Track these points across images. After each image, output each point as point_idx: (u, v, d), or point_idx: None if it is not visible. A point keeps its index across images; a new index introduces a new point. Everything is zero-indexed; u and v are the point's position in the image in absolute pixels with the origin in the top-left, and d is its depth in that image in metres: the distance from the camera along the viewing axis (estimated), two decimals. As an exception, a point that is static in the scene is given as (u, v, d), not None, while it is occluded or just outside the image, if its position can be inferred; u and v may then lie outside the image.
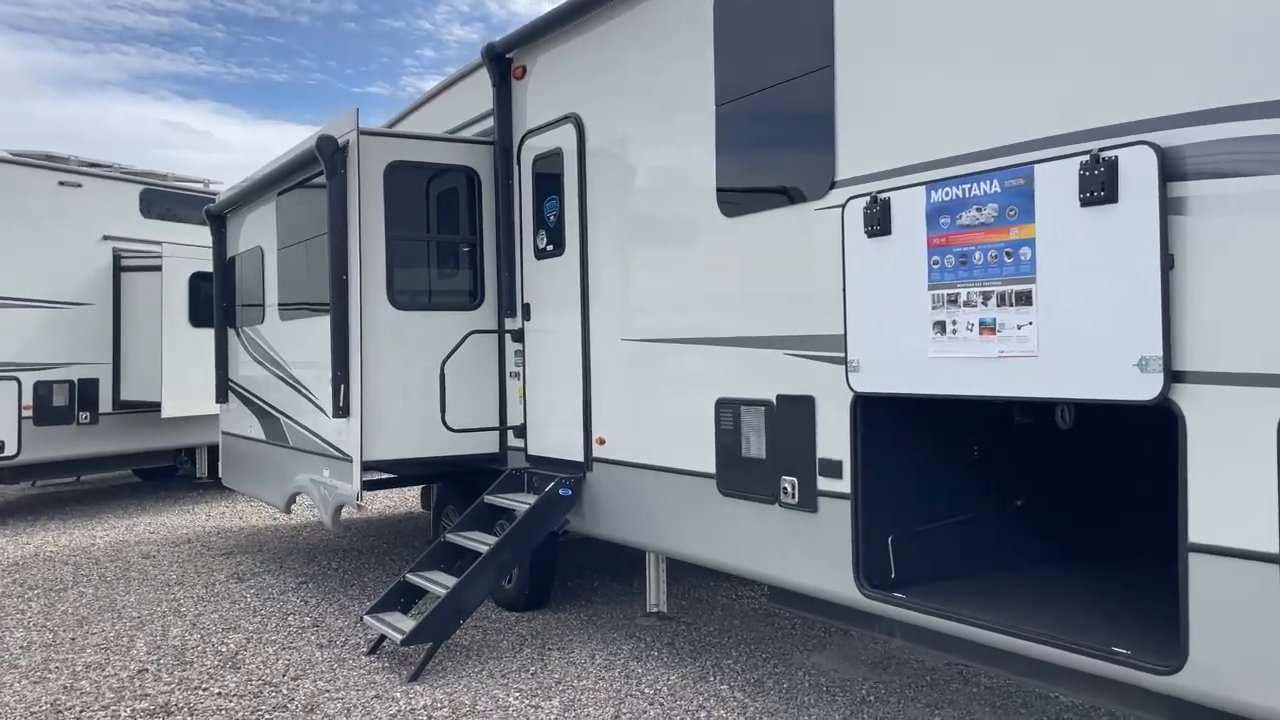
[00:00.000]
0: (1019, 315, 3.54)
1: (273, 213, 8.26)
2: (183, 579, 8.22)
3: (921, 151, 3.97)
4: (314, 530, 10.42)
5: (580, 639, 6.23)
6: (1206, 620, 3.08)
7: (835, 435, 4.42)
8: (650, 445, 5.65)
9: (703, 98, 5.14)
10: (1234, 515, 3.00)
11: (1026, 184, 3.49)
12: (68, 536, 10.37)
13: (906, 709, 4.97)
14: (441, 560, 6.43)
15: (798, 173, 4.61)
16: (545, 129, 6.53)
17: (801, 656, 5.83)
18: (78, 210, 11.80)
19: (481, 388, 6.99)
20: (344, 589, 7.72)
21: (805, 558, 4.59)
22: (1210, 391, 3.06)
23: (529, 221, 6.71)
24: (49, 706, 5.28)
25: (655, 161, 5.65)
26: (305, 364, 7.63)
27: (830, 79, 4.38)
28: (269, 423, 8.44)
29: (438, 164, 7.00)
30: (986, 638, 3.85)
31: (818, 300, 4.48)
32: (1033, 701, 5.01)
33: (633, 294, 5.80)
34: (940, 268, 3.81)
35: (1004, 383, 3.62)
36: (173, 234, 12.31)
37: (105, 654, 6.18)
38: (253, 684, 5.54)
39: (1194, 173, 3.08)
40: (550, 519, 6.17)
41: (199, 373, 10.80)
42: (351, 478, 6.64)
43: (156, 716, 5.10)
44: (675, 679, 5.47)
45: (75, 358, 11.68)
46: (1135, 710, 3.58)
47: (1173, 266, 3.11)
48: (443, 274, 7.31)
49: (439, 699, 5.23)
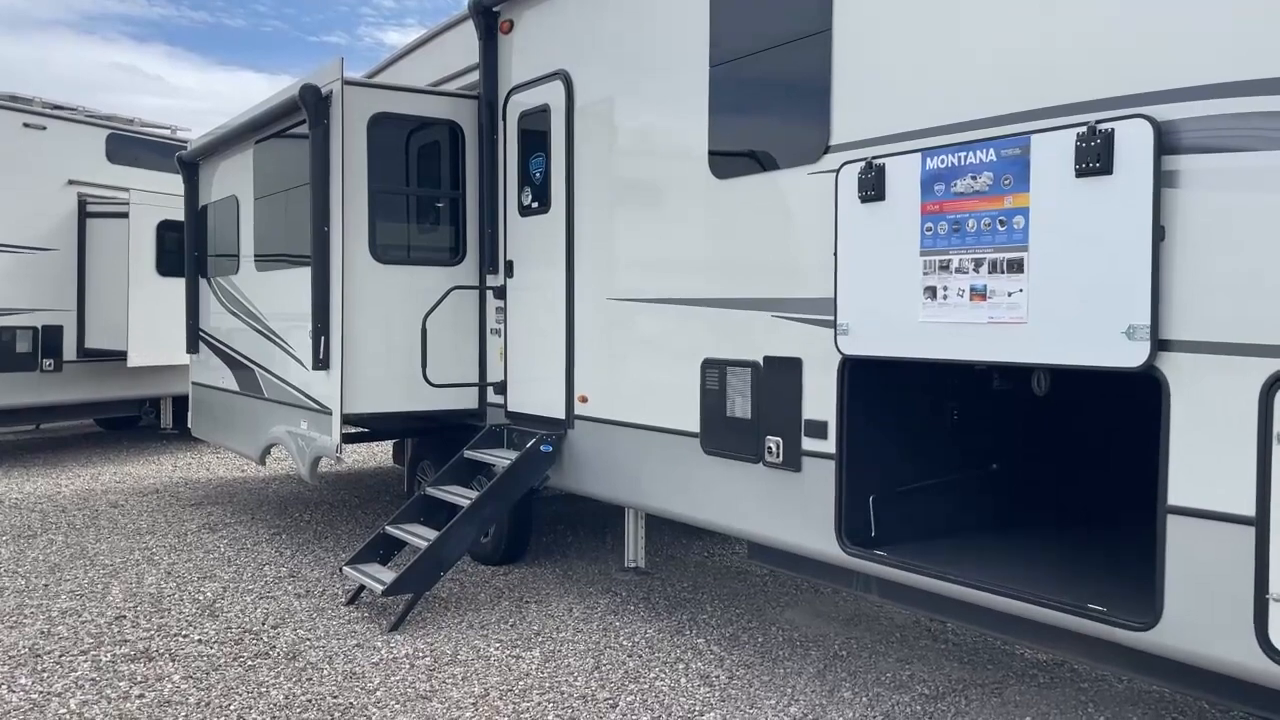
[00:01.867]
0: (1010, 282, 3.63)
1: (249, 161, 8.16)
2: (153, 528, 8.19)
3: (918, 119, 4.03)
4: (284, 483, 10.40)
5: (557, 593, 6.32)
6: (1181, 579, 3.22)
7: (821, 397, 4.50)
8: (634, 404, 5.71)
9: (697, 58, 5.15)
10: (1213, 479, 3.13)
11: (1023, 154, 3.57)
12: (31, 484, 10.25)
13: (878, 663, 5.12)
14: (420, 514, 6.47)
15: (792, 136, 4.65)
16: (532, 85, 6.49)
17: (775, 612, 5.97)
18: (42, 153, 11.55)
19: (462, 343, 7.00)
20: (318, 541, 7.74)
21: (788, 516, 4.69)
22: (1194, 360, 3.17)
23: (513, 178, 6.69)
24: (27, 650, 5.27)
25: (646, 121, 5.65)
26: (283, 316, 7.58)
27: (828, 43, 4.41)
28: (243, 374, 8.39)
29: (422, 117, 6.94)
30: (964, 594, 3.98)
31: (808, 264, 4.55)
32: (999, 657, 5.19)
33: (619, 253, 5.82)
34: (933, 234, 3.89)
35: (992, 348, 3.72)
36: (139, 180, 12.08)
37: (81, 600, 6.16)
38: (232, 631, 5.57)
39: (1188, 147, 3.17)
40: (531, 475, 6.23)
41: (166, 322, 10.68)
42: (331, 430, 6.64)
43: (138, 661, 5.12)
44: (652, 632, 5.58)
45: (39, 304, 11.48)
46: (1107, 665, 3.74)
47: (1163, 238, 3.21)
48: (425, 228, 7.28)
49: (420, 648, 5.29)
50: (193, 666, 5.04)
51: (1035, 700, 4.65)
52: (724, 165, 5.04)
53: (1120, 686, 4.80)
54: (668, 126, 5.45)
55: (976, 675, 4.95)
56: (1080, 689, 4.78)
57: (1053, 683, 4.86)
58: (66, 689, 4.76)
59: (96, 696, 4.67)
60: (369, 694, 4.69)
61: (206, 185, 9.28)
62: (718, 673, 4.98)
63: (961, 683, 4.85)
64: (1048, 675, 4.95)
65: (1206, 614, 3.16)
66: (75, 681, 4.86)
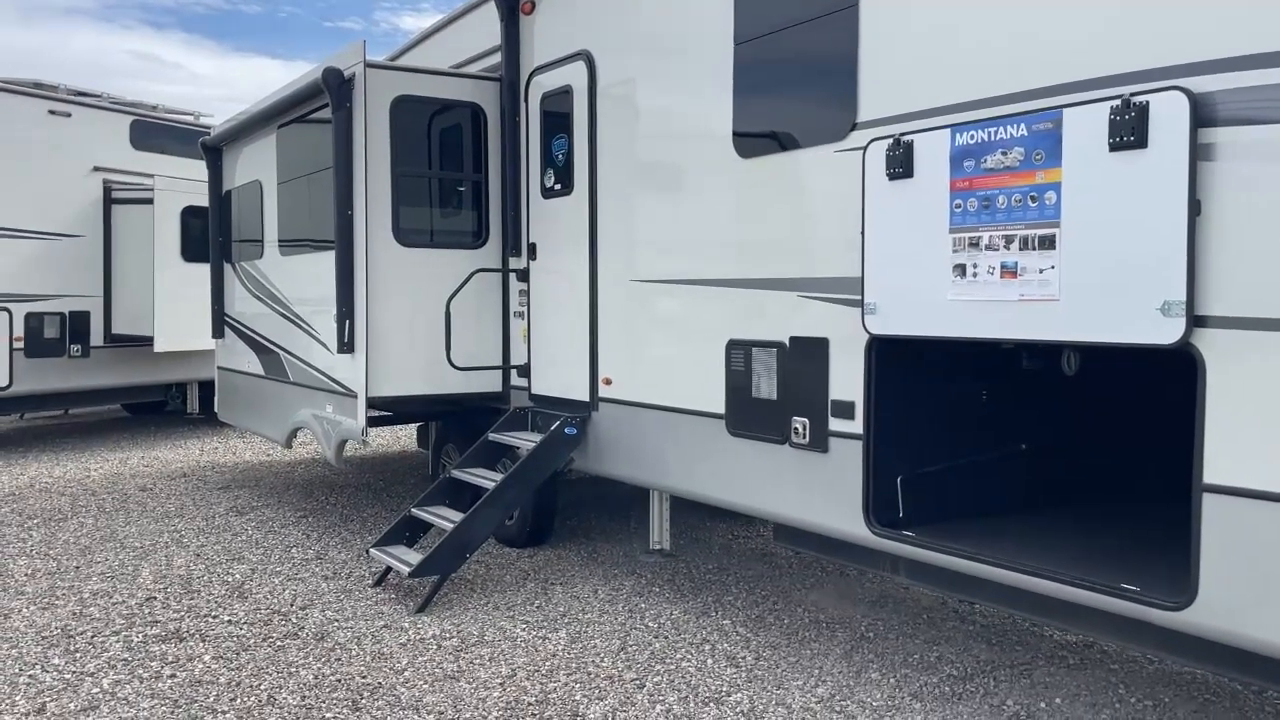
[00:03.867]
0: (1041, 259, 3.58)
1: (272, 146, 8.17)
2: (182, 511, 8.27)
3: (946, 94, 3.98)
4: (309, 466, 10.46)
5: (582, 575, 6.33)
6: (1217, 558, 3.17)
7: (848, 377, 4.47)
8: (658, 386, 5.70)
9: (721, 36, 5.10)
10: (1249, 457, 3.08)
11: (1054, 128, 3.51)
12: (61, 469, 10.37)
13: (905, 644, 5.10)
14: (446, 496, 6.49)
15: (818, 114, 4.60)
16: (554, 66, 6.46)
17: (800, 594, 5.95)
18: (68, 140, 11.63)
19: (485, 326, 7.00)
20: (344, 523, 7.79)
21: (815, 497, 4.67)
22: (1231, 336, 3.12)
23: (536, 160, 6.67)
24: (59, 631, 5.34)
25: (670, 101, 5.62)
26: (307, 300, 7.61)
27: (854, 19, 4.36)
28: (268, 358, 8.43)
29: (444, 99, 6.93)
30: (993, 574, 3.95)
31: (834, 243, 4.51)
32: (1028, 638, 5.15)
33: (643, 235, 5.80)
34: (963, 211, 3.84)
35: (1023, 326, 3.67)
36: (163, 166, 12.16)
37: (111, 582, 6.23)
38: (261, 612, 5.61)
39: (1224, 119, 3.11)
40: (555, 457, 6.23)
41: (192, 307, 10.76)
42: (356, 413, 6.67)
43: (169, 642, 5.17)
44: (678, 613, 5.58)
45: (66, 290, 11.58)
46: (1139, 646, 3.71)
47: (1199, 212, 3.15)
48: (447, 211, 7.28)
49: (447, 629, 5.31)
50: (223, 647, 5.09)
51: (1065, 681, 4.62)
52: (749, 144, 5.00)
53: (1151, 668, 4.76)
54: (692, 106, 5.41)
55: (1005, 656, 4.92)
56: (1110, 670, 4.74)
57: (1082, 664, 4.82)
58: (99, 669, 4.82)
59: (129, 676, 4.72)
60: (397, 674, 4.72)
61: (230, 170, 9.31)
62: (744, 654, 4.97)
63: (990, 664, 4.82)
64: (1077, 656, 4.91)
65: (1243, 593, 3.11)
66: (108, 661, 4.91)
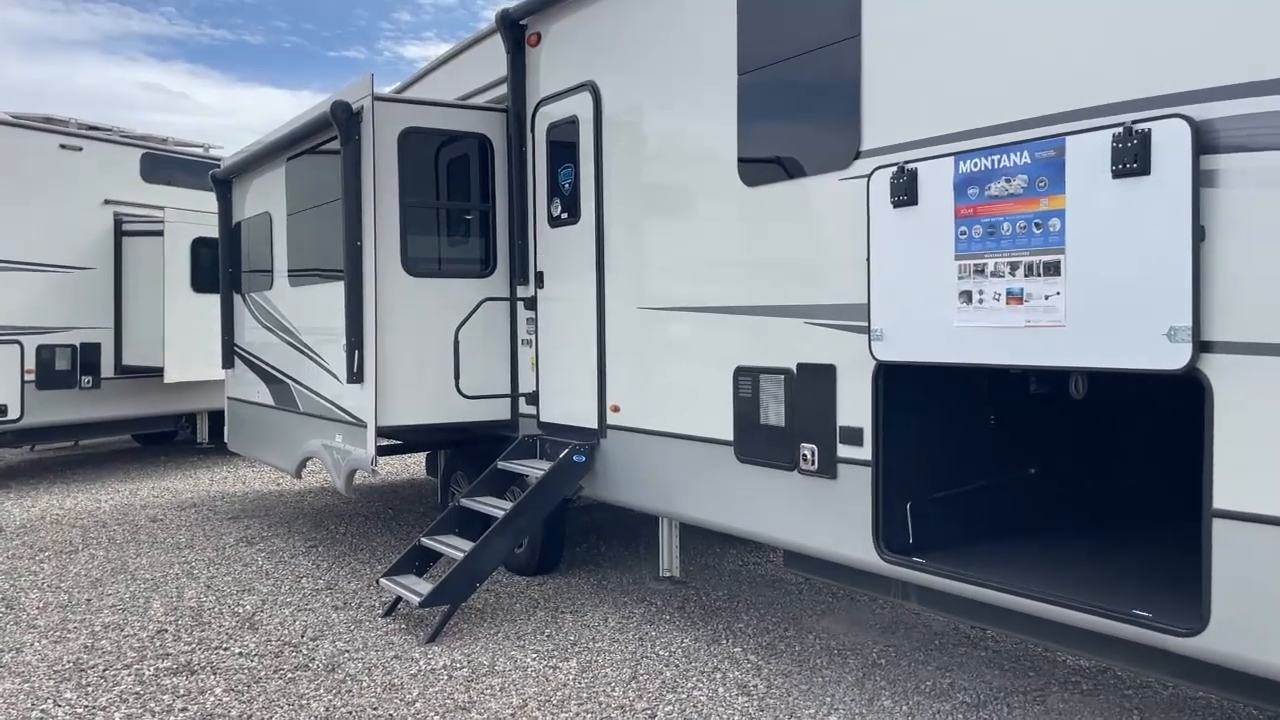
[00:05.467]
0: (1047, 285, 3.60)
1: (282, 178, 8.24)
2: (192, 542, 8.28)
3: (949, 122, 4.01)
4: (319, 495, 10.48)
5: (592, 603, 6.32)
6: (1228, 584, 3.16)
7: (856, 403, 4.48)
8: (666, 413, 5.71)
9: (725, 66, 5.15)
10: (1259, 482, 3.08)
11: (1058, 155, 3.54)
12: (72, 500, 10.40)
13: (917, 671, 5.07)
14: (455, 525, 6.49)
15: (822, 142, 4.64)
16: (560, 96, 6.52)
17: (811, 620, 5.93)
18: (79, 174, 11.75)
19: (494, 354, 7.03)
20: (354, 553, 7.79)
21: (824, 523, 4.67)
22: (1237, 361, 3.12)
23: (543, 189, 6.72)
24: (71, 665, 5.34)
25: (674, 130, 5.66)
26: (317, 330, 7.65)
27: (857, 49, 4.40)
28: (278, 388, 8.47)
29: (451, 130, 6.99)
30: (1006, 601, 3.94)
31: (840, 270, 4.53)
32: (1041, 664, 5.13)
33: (650, 262, 5.83)
34: (968, 238, 3.86)
35: (1030, 352, 3.69)
36: (173, 199, 12.27)
37: (123, 615, 6.24)
38: (272, 644, 5.61)
39: (1226, 146, 3.13)
40: (564, 485, 6.24)
41: (202, 338, 10.81)
42: (366, 443, 6.69)
43: (180, 675, 5.17)
44: (689, 641, 5.57)
45: (77, 322, 11.66)
46: (1152, 672, 3.69)
47: (1204, 238, 3.17)
48: (455, 241, 7.33)
49: (458, 659, 5.31)
50: (234, 679, 5.09)
51: (1078, 707, 4.59)
52: (754, 172, 5.04)
53: (1166, 693, 4.73)
54: (696, 135, 5.46)
55: (1018, 682, 4.89)
56: (1124, 696, 4.71)
57: (1096, 689, 4.79)
58: (111, 703, 4.82)
59: (140, 710, 4.73)
60: (408, 705, 4.71)
61: (240, 202, 9.39)
62: (755, 681, 4.96)
63: (1003, 690, 4.80)
64: (1091, 682, 4.89)
65: (1256, 619, 3.10)
66: (119, 695, 4.91)
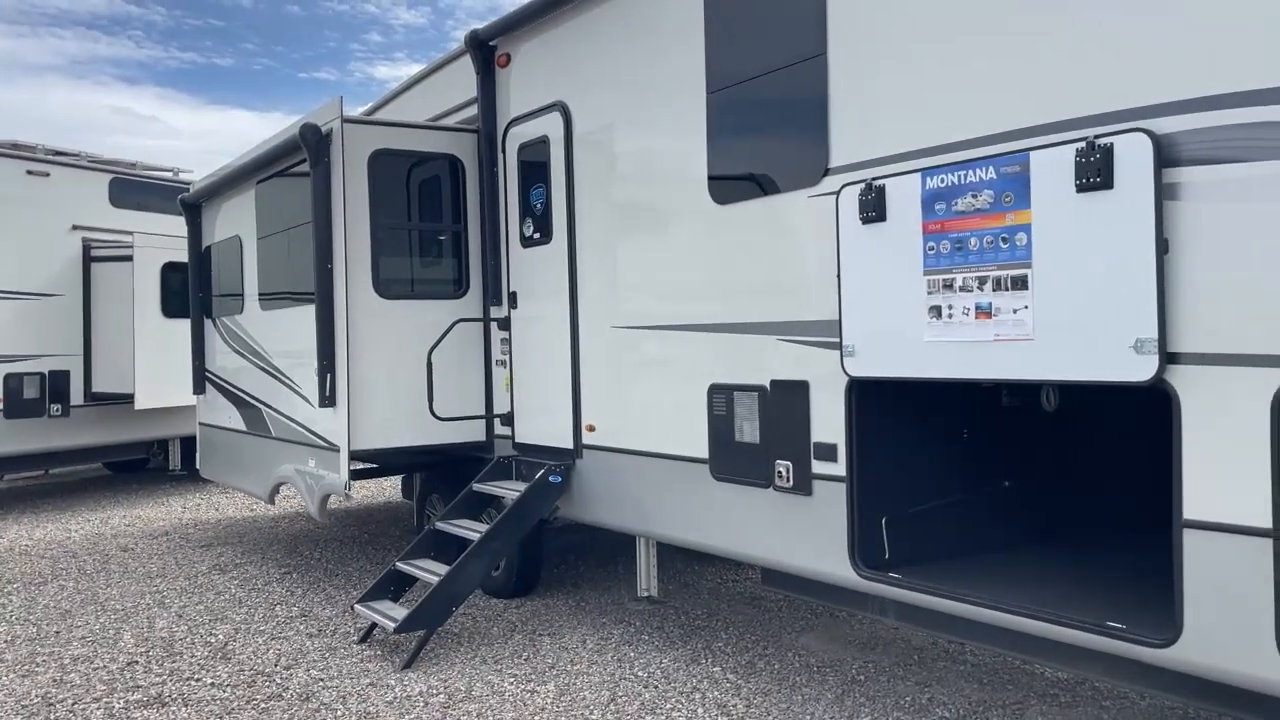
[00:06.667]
0: (1015, 299, 3.62)
1: (251, 202, 8.20)
2: (164, 571, 8.17)
3: (916, 139, 4.03)
4: (293, 521, 10.37)
5: (570, 624, 6.27)
6: (1199, 594, 3.18)
7: (830, 419, 4.48)
8: (642, 432, 5.69)
9: (693, 85, 5.17)
10: (1227, 492, 3.10)
11: (1022, 171, 3.57)
12: (41, 530, 10.24)
13: (896, 687, 5.06)
14: (431, 548, 6.44)
15: (791, 160, 4.66)
16: (531, 117, 6.52)
17: (790, 638, 5.91)
18: (46, 199, 11.63)
19: (467, 376, 7.00)
20: (328, 579, 7.71)
21: (800, 540, 4.66)
22: (1203, 372, 3.15)
23: (515, 209, 6.71)
24: (40, 700, 5.24)
25: (645, 149, 5.67)
26: (288, 354, 7.59)
27: (823, 67, 4.43)
28: (250, 413, 8.39)
29: (422, 152, 6.98)
30: (982, 615, 3.94)
31: (811, 286, 4.54)
32: (1019, 677, 5.13)
33: (623, 281, 5.83)
34: (936, 253, 3.88)
35: (1000, 365, 3.70)
36: (143, 223, 12.14)
37: (92, 646, 6.13)
38: (245, 674, 5.53)
39: (1188, 159, 3.17)
40: (541, 506, 6.20)
41: (173, 364, 10.68)
42: (339, 468, 6.63)
43: (151, 708, 5.08)
44: (668, 662, 5.53)
45: (46, 349, 11.52)
46: (1128, 683, 3.69)
47: (1167, 251, 3.20)
48: (427, 262, 7.30)
49: (434, 685, 5.25)
50: (206, 711, 5.00)
51: (1057, 720, 4.60)
52: (724, 191, 5.05)
53: (1143, 704, 4.74)
54: (667, 154, 5.47)
55: (997, 696, 4.89)
56: (1102, 707, 4.72)
57: (1074, 701, 4.80)
58: (79, 737, 4.73)
59: (110, 744, 4.64)
60: (384, 734, 4.65)
61: (209, 226, 9.32)
62: (735, 701, 4.93)
63: (982, 704, 4.79)
64: (1069, 694, 4.89)
65: (1227, 629, 3.12)
66: (88, 729, 4.83)
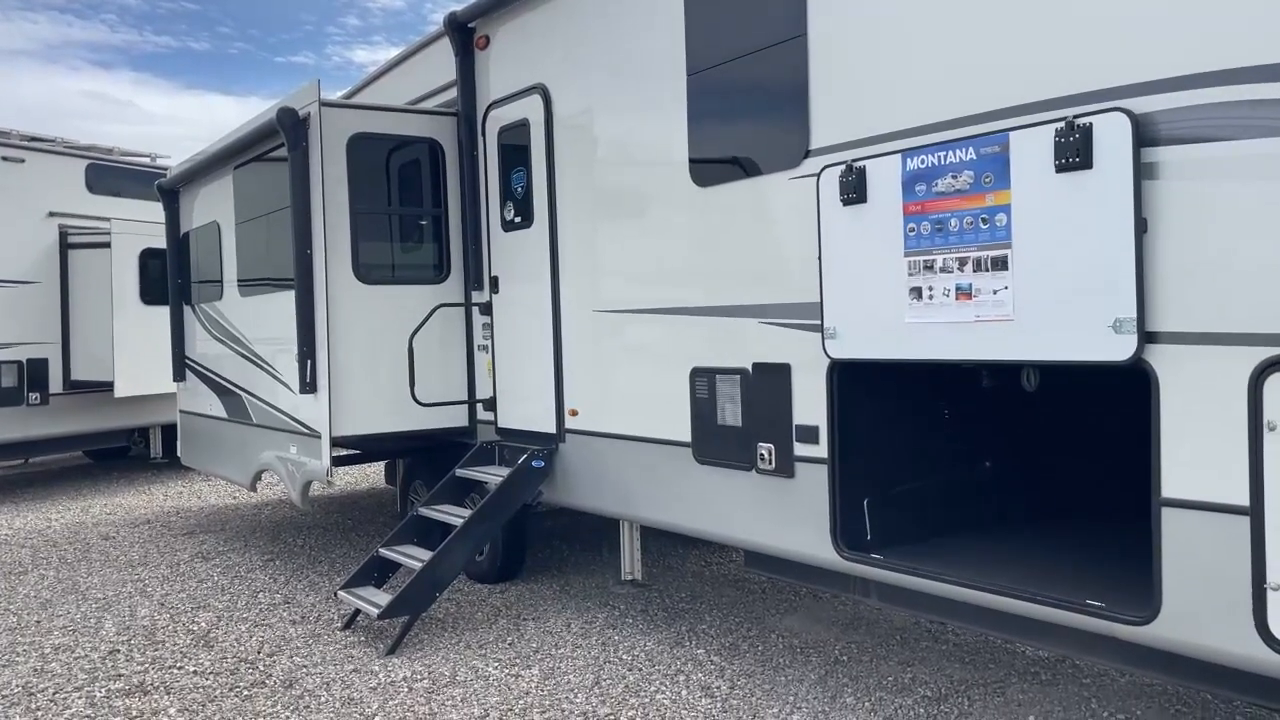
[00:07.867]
0: (995, 280, 3.62)
1: (229, 187, 8.12)
2: (145, 559, 8.12)
3: (896, 120, 4.02)
4: (276, 508, 10.33)
5: (555, 608, 6.28)
6: (1178, 572, 3.20)
7: (812, 401, 4.48)
8: (624, 416, 5.68)
9: (673, 67, 5.13)
10: (1206, 470, 3.12)
11: (1002, 151, 3.56)
12: (21, 519, 10.17)
13: (879, 667, 5.09)
14: (414, 534, 6.42)
15: (771, 142, 4.64)
16: (511, 100, 6.48)
17: (774, 620, 5.94)
18: (22, 186, 11.50)
19: (449, 361, 6.96)
20: (311, 565, 7.69)
21: (783, 522, 4.67)
22: (1182, 351, 3.16)
23: (495, 193, 6.67)
24: (20, 689, 5.21)
25: (625, 132, 5.64)
26: (268, 340, 7.54)
27: (803, 48, 4.41)
28: (230, 400, 8.34)
29: (401, 135, 6.92)
30: (963, 594, 3.96)
31: (792, 269, 4.53)
32: (1001, 656, 5.16)
33: (604, 265, 5.81)
34: (916, 235, 3.88)
35: (980, 346, 3.71)
36: (120, 210, 12.04)
37: (73, 636, 6.10)
38: (228, 661, 5.51)
39: (1166, 138, 3.17)
40: (524, 491, 6.19)
41: (152, 351, 10.60)
42: (321, 454, 6.60)
43: (133, 696, 5.06)
44: (651, 645, 5.54)
45: (23, 338, 11.41)
46: (1108, 660, 3.72)
47: (1146, 230, 3.20)
48: (408, 247, 7.25)
49: (418, 671, 5.25)
50: (188, 699, 4.99)
51: (1038, 698, 4.63)
52: (705, 173, 5.03)
53: (1123, 681, 4.78)
54: (647, 136, 5.44)
55: (979, 675, 4.93)
56: (1083, 685, 4.76)
57: (1055, 679, 4.84)
58: (61, 727, 4.71)
59: (91, 733, 4.62)
60: None
61: (187, 212, 9.24)
62: (719, 683, 4.95)
63: (964, 683, 4.82)
64: (1050, 672, 4.93)
65: (1205, 606, 3.14)
66: (70, 719, 4.80)
